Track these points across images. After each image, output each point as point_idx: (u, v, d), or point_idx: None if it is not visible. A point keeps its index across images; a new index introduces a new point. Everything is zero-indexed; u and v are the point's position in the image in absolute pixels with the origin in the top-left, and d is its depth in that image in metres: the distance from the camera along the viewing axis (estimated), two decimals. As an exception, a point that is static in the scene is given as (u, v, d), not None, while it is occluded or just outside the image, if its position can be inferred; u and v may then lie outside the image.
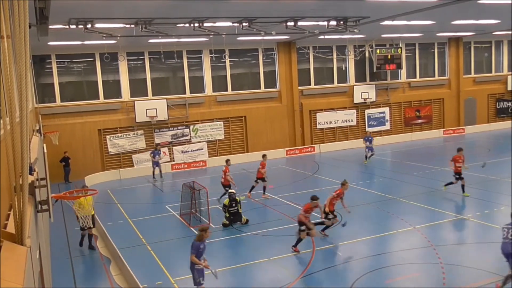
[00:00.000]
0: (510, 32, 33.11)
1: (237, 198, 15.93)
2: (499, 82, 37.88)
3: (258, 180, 19.54)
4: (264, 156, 20.36)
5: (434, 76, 35.86)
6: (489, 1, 17.94)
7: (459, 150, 18.17)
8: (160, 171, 25.22)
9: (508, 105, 38.32)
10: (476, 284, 10.35)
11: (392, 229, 14.66)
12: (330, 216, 14.01)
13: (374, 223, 15.55)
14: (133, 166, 27.11)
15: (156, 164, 24.89)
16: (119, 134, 26.92)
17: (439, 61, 35.88)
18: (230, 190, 16.30)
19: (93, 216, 13.76)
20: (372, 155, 26.36)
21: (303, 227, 12.96)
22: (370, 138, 26.63)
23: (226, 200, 15.88)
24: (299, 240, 12.93)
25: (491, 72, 38.03)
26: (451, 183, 18.11)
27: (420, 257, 12.27)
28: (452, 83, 35.98)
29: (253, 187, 19.60)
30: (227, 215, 15.72)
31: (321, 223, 14.09)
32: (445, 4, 17.81)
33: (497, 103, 37.98)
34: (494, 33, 33.67)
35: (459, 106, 36.25)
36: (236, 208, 15.76)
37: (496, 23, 26.88)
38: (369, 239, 13.92)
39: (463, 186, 17.83)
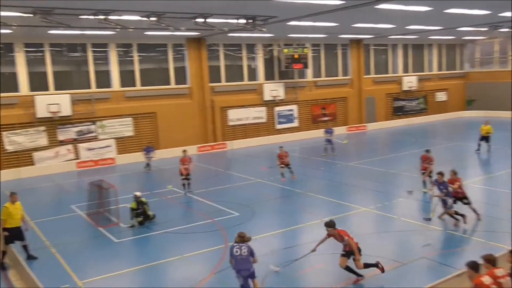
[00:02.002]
0: (404, 37, 35.82)
1: (142, 199, 15.40)
2: (395, 83, 40.76)
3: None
4: (184, 151, 19.97)
5: (337, 76, 37.68)
6: (385, 7, 19.22)
7: None
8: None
9: (403, 104, 41.40)
10: (378, 271, 11.06)
11: (301, 222, 15.20)
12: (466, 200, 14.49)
13: (284, 217, 16.02)
14: (34, 164, 25.38)
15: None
16: (18, 131, 25.04)
17: (342, 62, 37.76)
18: (135, 193, 15.70)
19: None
20: (332, 148, 26.62)
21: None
22: (330, 130, 26.90)
23: (133, 204, 15.24)
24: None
25: (388, 73, 40.81)
26: None
27: (327, 248, 12.81)
28: (354, 82, 38.06)
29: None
30: (138, 219, 15.21)
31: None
32: (346, 7, 18.80)
33: (394, 102, 40.87)
34: (390, 37, 36.19)
35: (360, 104, 38.46)
36: (142, 209, 15.28)
37: (392, 28, 28.93)
38: (280, 232, 14.32)
39: None
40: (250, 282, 9.81)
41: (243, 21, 21.11)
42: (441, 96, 44.00)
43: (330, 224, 10.95)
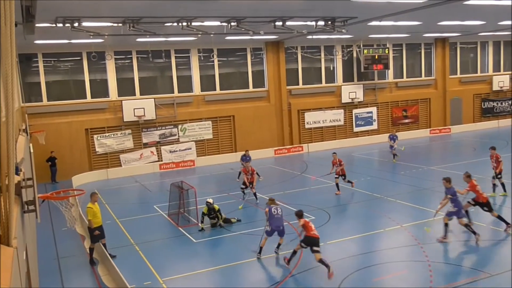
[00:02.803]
0: (495, 33, 33.59)
1: (215, 206, 15.51)
2: (485, 83, 38.34)
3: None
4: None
5: (420, 76, 36.18)
6: (475, 2, 18.15)
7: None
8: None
9: (493, 105, 38.83)
10: (463, 281, 10.47)
11: (379, 227, 14.76)
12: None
13: (362, 222, 15.65)
14: (120, 166, 26.95)
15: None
16: (107, 134, 26.74)
17: (425, 62, 36.20)
18: (208, 199, 15.77)
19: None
20: (395, 154, 25.82)
21: None
22: (393, 137, 26.13)
23: (205, 209, 15.51)
24: None
25: (476, 72, 38.48)
26: None
27: (407, 255, 12.39)
28: (438, 83, 36.34)
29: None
30: (212, 220, 15.54)
31: None
32: (431, 5, 17.99)
33: (483, 103, 38.45)
34: (479, 34, 34.11)
35: (445, 106, 36.63)
36: (214, 215, 15.48)
37: (481, 24, 27.23)
38: (357, 237, 14.00)
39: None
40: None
41: (322, 23, 20.94)
42: (536, 96, 40.70)
43: (297, 214, 11.95)
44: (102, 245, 13.15)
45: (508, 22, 27.11)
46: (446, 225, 13.05)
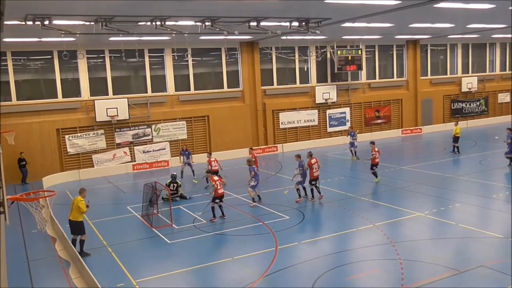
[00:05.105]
0: (463, 36, 34.45)
1: (178, 182, 19.06)
2: (454, 84, 39.25)
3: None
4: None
5: (393, 77, 36.78)
6: (444, 6, 18.58)
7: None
8: (192, 170, 23.69)
9: (462, 106, 39.78)
10: (433, 278, 10.69)
11: (352, 226, 14.96)
12: None
13: (335, 221, 15.82)
14: (93, 166, 26.52)
15: (188, 164, 23.84)
16: (79, 134, 26.27)
17: (397, 63, 36.83)
18: (173, 173, 19.69)
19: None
20: (355, 151, 26.93)
21: None
22: (352, 133, 26.96)
23: (169, 181, 19.01)
24: None
25: (446, 74, 39.36)
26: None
27: (380, 254, 12.59)
28: (410, 84, 37.02)
29: None
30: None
31: None
32: (403, 7, 18.33)
33: (452, 104, 39.36)
34: (449, 37, 34.91)
35: (416, 106, 37.34)
36: (176, 191, 18.90)
37: (451, 27, 27.90)
38: (331, 237, 14.15)
39: None
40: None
41: (296, 23, 21.07)
42: (503, 98, 41.93)
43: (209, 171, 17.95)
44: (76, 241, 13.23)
45: (476, 25, 27.85)
46: (297, 190, 18.07)
